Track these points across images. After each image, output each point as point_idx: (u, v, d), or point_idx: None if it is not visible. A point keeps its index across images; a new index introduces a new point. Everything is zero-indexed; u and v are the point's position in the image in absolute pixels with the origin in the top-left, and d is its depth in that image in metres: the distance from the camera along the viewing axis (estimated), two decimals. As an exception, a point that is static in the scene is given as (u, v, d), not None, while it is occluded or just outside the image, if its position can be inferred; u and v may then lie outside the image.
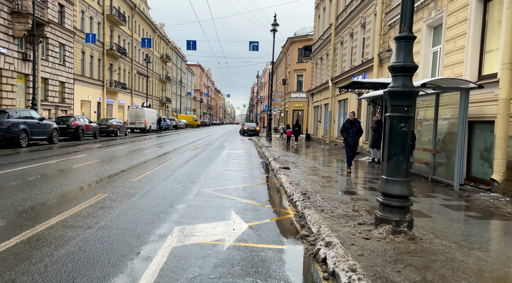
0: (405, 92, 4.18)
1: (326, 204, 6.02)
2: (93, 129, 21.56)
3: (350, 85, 12.72)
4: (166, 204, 6.02)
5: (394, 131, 4.28)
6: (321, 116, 25.30)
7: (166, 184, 7.86)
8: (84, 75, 30.89)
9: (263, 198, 7.02)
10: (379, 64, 13.94)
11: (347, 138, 10.02)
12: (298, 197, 6.56)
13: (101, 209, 5.50)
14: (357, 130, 9.91)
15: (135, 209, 5.59)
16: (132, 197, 6.39)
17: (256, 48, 23.95)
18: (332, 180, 8.84)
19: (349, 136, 9.98)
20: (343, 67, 19.81)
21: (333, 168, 11.43)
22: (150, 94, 51.11)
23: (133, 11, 43.13)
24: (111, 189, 6.97)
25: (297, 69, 42.55)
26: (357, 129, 9.92)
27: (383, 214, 4.32)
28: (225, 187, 7.92)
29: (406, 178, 4.29)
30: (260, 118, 79.46)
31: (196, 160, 12.54)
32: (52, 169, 9.28)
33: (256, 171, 10.83)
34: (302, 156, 14.71)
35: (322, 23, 25.87)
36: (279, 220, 5.53)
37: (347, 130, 10.02)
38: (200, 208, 5.92)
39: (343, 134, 10.14)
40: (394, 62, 4.30)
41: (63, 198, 6.12)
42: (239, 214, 5.63)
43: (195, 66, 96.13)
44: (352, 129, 9.92)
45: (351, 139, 9.98)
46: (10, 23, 20.50)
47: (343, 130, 10.12)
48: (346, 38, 19.34)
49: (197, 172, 9.77)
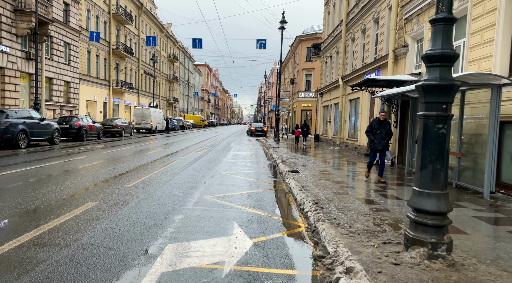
0: (444, 86, 3.43)
1: (342, 216, 5.28)
2: (97, 129, 21.06)
3: (364, 83, 11.95)
4: (161, 215, 5.34)
5: (429, 134, 3.53)
6: (330, 116, 24.47)
7: (165, 190, 7.19)
8: (90, 75, 30.52)
9: (270, 206, 6.31)
10: (394, 61, 13.11)
11: (374, 141, 8.57)
12: (310, 206, 5.83)
13: (86, 221, 4.84)
14: (386, 132, 8.52)
15: (125, 222, 4.92)
16: (124, 206, 5.73)
17: (264, 46, 23.24)
18: (346, 185, 8.09)
19: (376, 139, 8.55)
20: (354, 65, 18.98)
21: (346, 171, 10.66)
22: (157, 94, 50.74)
23: (140, 10, 42.75)
24: (102, 197, 6.33)
25: (305, 68, 41.71)
26: (387, 131, 8.53)
27: (416, 234, 3.57)
28: (229, 193, 7.22)
29: (444, 190, 3.54)
30: (268, 118, 78.73)
31: (200, 163, 11.87)
32: (44, 173, 8.69)
33: (263, 174, 10.13)
34: (311, 158, 13.95)
35: (332, 20, 25.05)
36: (288, 235, 4.81)
37: (374, 131, 8.62)
38: (199, 219, 5.23)
39: (370, 135, 8.70)
40: (430, 49, 3.54)
41: (46, 208, 5.49)
42: (242, 228, 4.93)
43: (202, 66, 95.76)
44: (381, 130, 8.53)
45: (379, 142, 8.54)
46: (13, 22, 20.12)
47: (370, 130, 8.70)
48: (358, 35, 18.52)
49: (199, 176, 9.09)
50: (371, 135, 8.65)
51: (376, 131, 8.59)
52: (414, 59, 12.29)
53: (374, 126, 8.66)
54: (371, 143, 8.68)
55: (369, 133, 8.73)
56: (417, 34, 11.93)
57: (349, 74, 19.44)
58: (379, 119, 8.64)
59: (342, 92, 20.51)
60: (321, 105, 28.27)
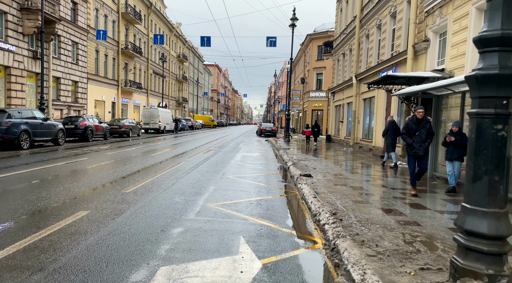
0: (506, 76, 2.70)
1: (366, 231, 4.56)
2: (103, 129, 20.64)
3: (382, 80, 11.16)
4: (157, 228, 4.70)
5: (485, 137, 2.80)
6: (343, 116, 23.63)
7: (165, 196, 6.56)
8: (98, 75, 30.25)
9: (281, 217, 5.62)
10: (414, 57, 12.28)
11: (413, 145, 7.03)
12: (327, 218, 5.12)
13: (70, 236, 4.23)
14: (427, 133, 7.02)
15: (115, 236, 4.29)
16: (117, 217, 5.11)
17: (274, 44, 22.53)
18: (365, 192, 7.34)
19: (416, 142, 7.02)
20: (369, 62, 18.14)
21: (362, 175, 9.89)
22: (166, 94, 50.47)
23: (149, 10, 42.47)
24: (96, 205, 5.72)
25: (316, 67, 40.84)
26: (427, 131, 7.03)
27: (467, 263, 2.84)
28: (236, 200, 6.56)
29: (503, 208, 2.81)
30: (278, 118, 77.97)
31: (206, 165, 11.24)
32: (39, 177, 8.16)
33: (273, 178, 9.44)
34: (324, 160, 13.20)
35: (344, 16, 24.20)
36: (303, 253, 4.12)
37: (412, 133, 7.10)
38: (200, 233, 4.57)
39: (407, 139, 7.13)
40: (486, 31, 2.81)
41: (29, 219, 4.90)
42: (250, 244, 4.26)
43: (212, 66, 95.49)
44: (420, 131, 7.04)
45: (419, 145, 7.00)
46: (20, 20, 19.83)
47: (406, 132, 7.16)
48: (373, 31, 17.68)
49: (205, 180, 8.45)
50: (409, 138, 7.09)
51: (415, 133, 7.08)
52: (436, 55, 11.45)
53: (411, 126, 7.15)
54: (409, 147, 7.13)
55: (406, 136, 7.15)
56: (439, 28, 11.09)
57: (363, 72, 18.61)
58: (416, 118, 7.13)
59: (356, 91, 19.68)
60: (333, 104, 27.43)
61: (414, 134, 7.08)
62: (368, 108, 18.54)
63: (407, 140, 7.16)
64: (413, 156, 7.16)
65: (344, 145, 22.19)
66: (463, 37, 9.60)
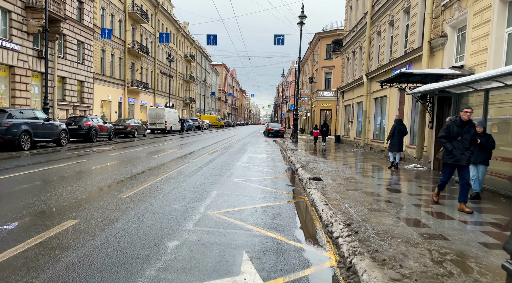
0: None
1: (386, 247, 4.00)
2: (108, 130, 20.30)
3: (396, 77, 10.54)
4: (150, 241, 4.20)
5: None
6: (353, 116, 22.96)
7: (164, 203, 6.07)
8: (104, 74, 30.03)
9: (290, 227, 5.08)
10: (430, 53, 11.61)
11: (453, 152, 5.95)
12: (340, 230, 4.56)
13: (50, 252, 3.74)
14: (470, 138, 5.99)
15: (101, 252, 3.80)
16: (108, 227, 4.62)
17: (282, 42, 21.96)
18: (380, 198, 6.76)
19: (457, 148, 5.94)
20: (381, 60, 17.47)
21: (375, 179, 9.29)
22: (174, 94, 50.22)
23: (156, 9, 42.22)
24: (86, 213, 5.25)
25: (325, 66, 40.13)
26: (471, 137, 6.00)
27: (523, 300, 2.27)
28: (240, 207, 6.04)
29: None
30: (286, 118, 77.32)
31: (210, 167, 10.75)
32: (33, 180, 7.74)
33: (281, 182, 8.89)
34: (334, 162, 12.60)
35: (354, 13, 23.52)
36: (315, 273, 3.58)
37: (454, 137, 5.98)
38: (198, 248, 4.06)
39: (446, 144, 6.01)
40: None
41: (9, 230, 4.44)
42: (254, 261, 3.73)
43: (220, 66, 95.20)
44: (463, 137, 5.94)
45: (460, 153, 5.92)
46: (24, 19, 19.60)
47: (446, 136, 6.04)
48: (385, 27, 17.01)
49: (208, 184, 7.95)
50: (449, 144, 5.99)
51: (456, 137, 5.96)
52: (454, 51, 10.78)
53: (452, 129, 6.00)
54: (448, 155, 6.04)
55: (445, 140, 6.04)
56: (458, 22, 10.42)
57: (374, 70, 17.94)
58: (460, 120, 5.99)
59: (367, 90, 19.01)
60: (342, 104, 26.76)
61: (455, 138, 5.97)
62: (380, 107, 17.87)
63: (447, 145, 6.00)
64: (451, 165, 6.08)
65: (354, 146, 21.52)
66: (485, 31, 8.93)
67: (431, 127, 11.41)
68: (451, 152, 5.99)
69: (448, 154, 6.05)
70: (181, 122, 36.07)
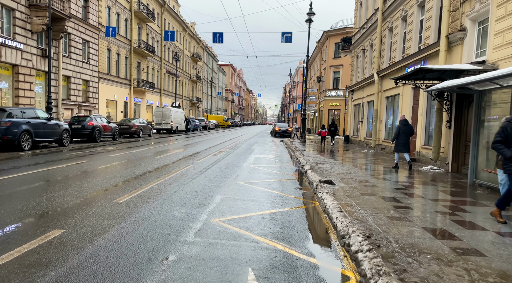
0: None
1: (415, 265, 3.43)
2: (112, 130, 19.93)
3: (413, 74, 9.93)
4: (143, 255, 3.69)
5: None
6: (363, 115, 22.28)
7: (163, 209, 5.57)
8: (110, 74, 29.74)
9: (301, 237, 4.54)
10: (447, 48, 10.95)
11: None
12: (360, 243, 4.00)
13: (25, 270, 3.24)
14: None
15: (85, 269, 3.30)
16: (97, 238, 4.12)
17: (289, 40, 21.38)
18: (400, 204, 6.17)
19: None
20: (393, 58, 16.80)
21: (391, 182, 8.67)
22: (180, 94, 49.90)
23: (162, 8, 41.91)
24: (76, 221, 4.77)
25: (333, 65, 39.42)
26: None
27: None
28: (246, 214, 5.51)
29: None
30: (293, 118, 76.62)
31: (215, 169, 10.24)
32: (25, 183, 7.30)
33: (289, 185, 8.34)
34: (345, 164, 12.01)
35: (365, 10, 22.85)
36: (333, 298, 3.03)
37: (511, 141, 5.01)
38: (197, 264, 3.54)
39: (504, 151, 4.99)
40: None
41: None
42: (261, 281, 3.19)
43: (226, 66, 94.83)
44: None
45: None
46: (28, 17, 19.32)
47: (503, 140, 5.03)
48: (397, 23, 16.34)
49: (212, 188, 7.43)
50: (507, 150, 4.97)
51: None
52: (474, 45, 10.12)
53: (510, 131, 5.01)
54: (507, 162, 5.04)
55: (502, 146, 5.03)
56: (479, 15, 9.76)
57: (386, 68, 17.28)
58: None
59: (378, 88, 18.34)
60: (352, 103, 26.08)
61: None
62: (392, 106, 17.20)
63: (505, 153, 4.96)
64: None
65: (364, 146, 20.85)
66: (510, 23, 8.28)
67: (449, 127, 10.76)
68: (510, 160, 4.95)
69: (507, 162, 5.01)
70: (186, 122, 35.65)
